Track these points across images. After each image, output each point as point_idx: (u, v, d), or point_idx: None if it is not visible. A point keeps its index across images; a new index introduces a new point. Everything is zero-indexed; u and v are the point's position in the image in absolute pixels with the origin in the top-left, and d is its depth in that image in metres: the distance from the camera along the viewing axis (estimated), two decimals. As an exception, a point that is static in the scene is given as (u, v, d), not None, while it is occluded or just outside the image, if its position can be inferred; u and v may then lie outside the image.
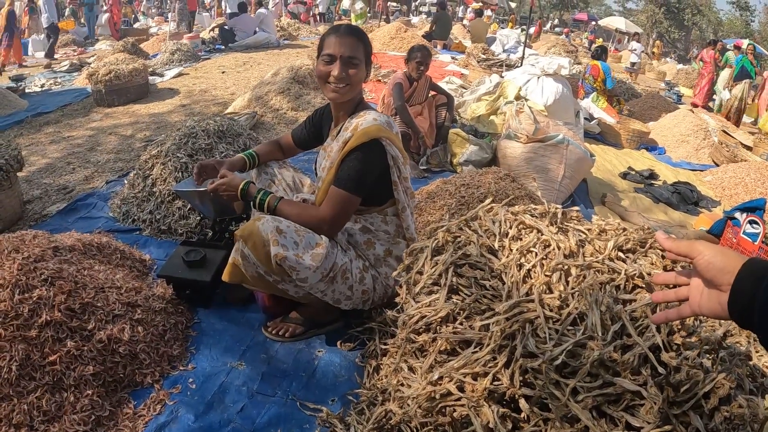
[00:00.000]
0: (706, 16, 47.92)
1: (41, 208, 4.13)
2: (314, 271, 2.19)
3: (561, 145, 4.85)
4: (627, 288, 1.64)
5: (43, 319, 2.11)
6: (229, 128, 3.95)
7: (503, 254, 1.72)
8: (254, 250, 2.19)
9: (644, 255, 1.77)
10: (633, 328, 1.45)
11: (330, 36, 2.38)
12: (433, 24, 16.08)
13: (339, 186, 2.30)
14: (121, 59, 9.03)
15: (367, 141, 2.28)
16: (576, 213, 1.94)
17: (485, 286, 1.64)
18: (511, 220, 1.80)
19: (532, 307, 1.52)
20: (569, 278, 1.63)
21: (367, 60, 2.44)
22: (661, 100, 11.52)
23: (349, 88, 2.37)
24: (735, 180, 6.63)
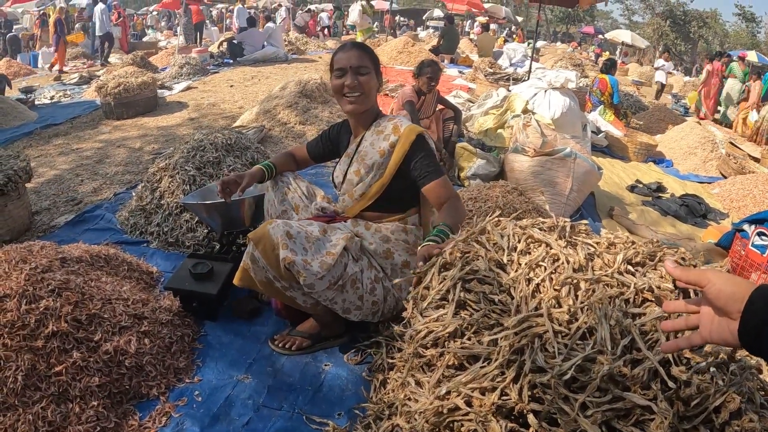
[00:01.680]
0: (712, 28, 48.00)
1: (49, 219, 4.14)
2: (321, 279, 2.20)
3: (568, 159, 4.85)
4: (636, 302, 1.62)
5: (49, 329, 2.11)
6: (237, 142, 3.97)
7: (512, 268, 1.71)
8: (264, 253, 2.22)
9: (653, 268, 1.76)
10: (643, 342, 1.44)
11: (337, 53, 2.51)
12: (441, 38, 16.19)
13: (435, 177, 2.39)
14: (130, 72, 9.09)
15: (416, 137, 2.43)
16: (584, 226, 1.93)
17: (494, 300, 1.63)
18: (519, 234, 1.79)
19: (540, 321, 1.51)
20: (578, 292, 1.62)
21: (377, 69, 2.54)
22: (668, 113, 11.57)
23: (363, 97, 2.47)
24: (743, 192, 6.60)
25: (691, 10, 47.64)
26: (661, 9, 49.01)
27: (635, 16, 57.18)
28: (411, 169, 2.41)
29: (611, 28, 55.71)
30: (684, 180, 7.54)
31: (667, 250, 1.88)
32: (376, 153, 2.46)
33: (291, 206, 2.76)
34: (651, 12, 51.54)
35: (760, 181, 6.68)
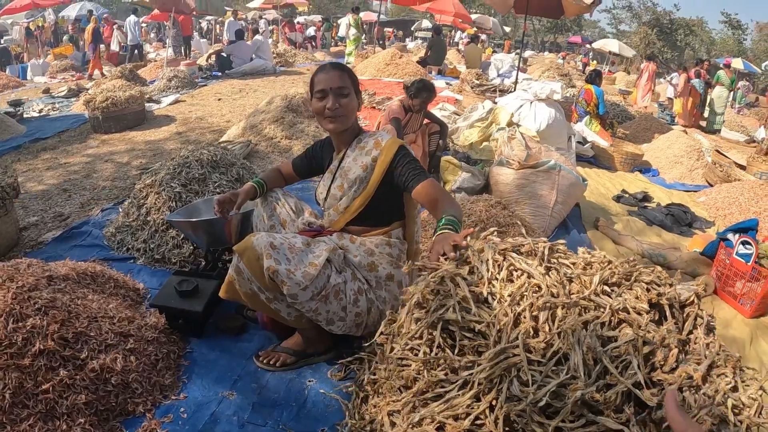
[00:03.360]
0: (699, 36, 48.45)
1: (37, 235, 4.16)
2: (304, 289, 2.25)
3: (553, 171, 4.91)
4: (613, 323, 1.68)
5: (36, 348, 2.14)
6: (222, 158, 4.03)
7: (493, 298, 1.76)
8: (249, 263, 2.27)
9: (629, 288, 1.81)
10: (614, 367, 1.50)
11: (318, 74, 2.56)
12: (428, 50, 16.28)
13: (422, 179, 2.41)
14: (119, 86, 9.12)
15: (398, 148, 2.52)
16: (562, 246, 1.98)
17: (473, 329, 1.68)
18: (500, 262, 1.84)
19: (517, 352, 1.57)
20: (555, 318, 1.67)
21: (356, 89, 2.61)
22: (654, 122, 11.65)
23: (344, 117, 2.54)
24: (729, 200, 6.67)
25: (678, 18, 48.17)
26: (647, 18, 49.47)
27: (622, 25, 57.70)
28: (396, 177, 2.47)
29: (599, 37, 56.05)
30: (670, 189, 7.62)
31: (643, 269, 1.92)
32: (359, 168, 2.53)
33: (279, 221, 2.84)
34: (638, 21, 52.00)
35: (745, 188, 6.74)
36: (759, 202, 6.41)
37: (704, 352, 1.68)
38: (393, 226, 2.62)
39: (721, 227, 5.94)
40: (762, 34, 51.27)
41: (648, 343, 1.60)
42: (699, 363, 1.64)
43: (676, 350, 1.60)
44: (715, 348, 1.74)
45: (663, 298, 1.76)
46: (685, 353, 1.69)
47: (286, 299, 2.28)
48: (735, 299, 4.14)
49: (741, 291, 4.10)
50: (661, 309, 1.76)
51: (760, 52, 48.12)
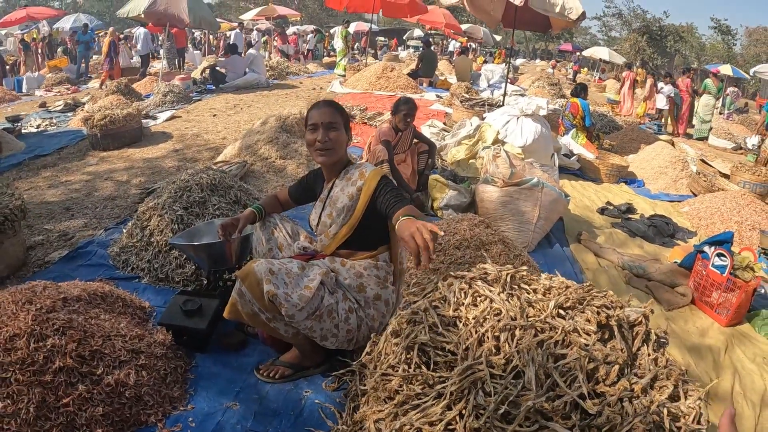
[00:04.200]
0: (689, 42, 48.68)
1: (44, 255, 4.31)
2: (300, 310, 2.47)
3: (536, 188, 5.12)
4: (565, 342, 1.94)
5: (56, 365, 2.33)
6: (221, 181, 4.25)
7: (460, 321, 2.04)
8: (250, 287, 2.50)
9: (581, 312, 2.07)
10: (562, 381, 1.77)
11: (312, 110, 2.83)
12: (419, 62, 16.50)
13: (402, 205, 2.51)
14: (115, 103, 9.29)
15: (380, 178, 2.73)
16: (524, 273, 2.23)
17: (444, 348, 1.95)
18: (465, 290, 2.11)
19: (481, 368, 1.83)
20: (514, 338, 1.94)
21: (346, 125, 2.86)
22: (641, 133, 11.85)
23: (333, 151, 2.79)
24: (711, 210, 6.87)
25: (668, 24, 48.27)
26: (637, 25, 49.67)
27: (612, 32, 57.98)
28: (379, 205, 2.67)
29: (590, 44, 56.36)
30: (654, 199, 7.81)
31: (595, 294, 2.17)
32: (346, 197, 2.77)
33: (276, 245, 3.08)
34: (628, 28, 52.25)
35: (727, 198, 6.95)
36: (741, 211, 6.61)
37: (649, 366, 1.93)
38: (380, 250, 2.84)
39: (704, 237, 6.14)
40: (751, 39, 51.59)
41: (593, 360, 1.86)
42: (642, 376, 1.89)
43: (617, 366, 1.85)
44: (662, 362, 1.99)
45: (612, 319, 2.01)
46: (632, 367, 1.94)
47: (284, 319, 2.50)
48: (712, 309, 4.35)
49: (717, 301, 4.31)
50: (610, 328, 2.01)
51: (750, 57, 48.34)
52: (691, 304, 4.55)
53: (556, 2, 9.05)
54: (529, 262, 4.14)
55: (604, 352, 1.91)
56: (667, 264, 5.08)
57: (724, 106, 20.38)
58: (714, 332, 4.19)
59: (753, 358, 3.90)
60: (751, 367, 3.76)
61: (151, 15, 13.13)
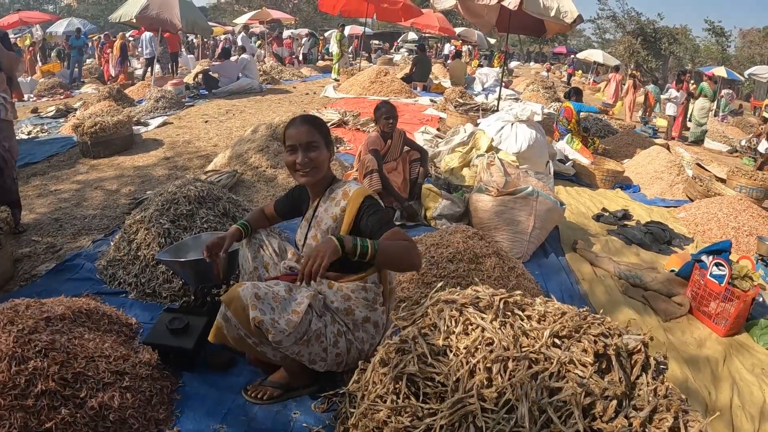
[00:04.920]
0: (683, 44, 48.80)
1: (31, 268, 4.25)
2: (288, 336, 2.40)
3: (530, 197, 5.06)
4: (561, 373, 1.87)
5: (38, 388, 2.26)
6: (209, 193, 4.18)
7: (450, 350, 1.96)
8: (235, 313, 2.42)
9: (578, 341, 1.99)
10: (557, 416, 1.69)
11: (289, 129, 2.71)
12: (414, 66, 16.49)
13: (385, 229, 2.50)
14: (106, 109, 9.21)
15: (364, 198, 2.63)
16: (518, 297, 2.16)
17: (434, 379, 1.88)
18: (456, 317, 2.04)
19: (472, 401, 1.76)
20: (507, 370, 1.86)
21: (327, 141, 2.75)
22: (636, 137, 11.82)
23: (315, 170, 2.69)
24: (708, 215, 6.82)
25: (662, 27, 48.38)
26: (632, 27, 49.74)
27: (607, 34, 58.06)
28: (362, 227, 2.59)
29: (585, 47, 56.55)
30: (650, 205, 7.78)
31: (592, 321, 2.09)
32: (330, 218, 2.68)
33: (262, 263, 2.99)
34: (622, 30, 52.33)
35: (724, 204, 6.91)
36: (738, 217, 6.58)
37: (648, 397, 1.86)
38: (368, 272, 2.71)
39: (700, 243, 6.11)
40: (745, 40, 51.72)
41: (590, 395, 1.79)
42: (641, 409, 1.82)
43: (615, 401, 1.78)
44: (661, 391, 1.92)
45: (610, 348, 1.94)
46: (630, 398, 1.87)
47: (272, 344, 2.43)
48: (710, 319, 4.31)
49: (715, 311, 4.28)
50: (608, 358, 1.94)
51: (744, 58, 48.49)
52: (689, 314, 4.50)
53: (551, 6, 9.02)
54: (524, 275, 4.08)
55: (602, 385, 1.83)
56: (664, 273, 5.03)
57: (719, 109, 20.39)
58: (712, 343, 4.15)
59: (752, 369, 3.86)
60: (749, 379, 3.71)
61: (143, 19, 13.10)
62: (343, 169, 6.56)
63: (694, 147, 13.92)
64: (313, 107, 12.05)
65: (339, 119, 9.89)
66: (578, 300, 4.38)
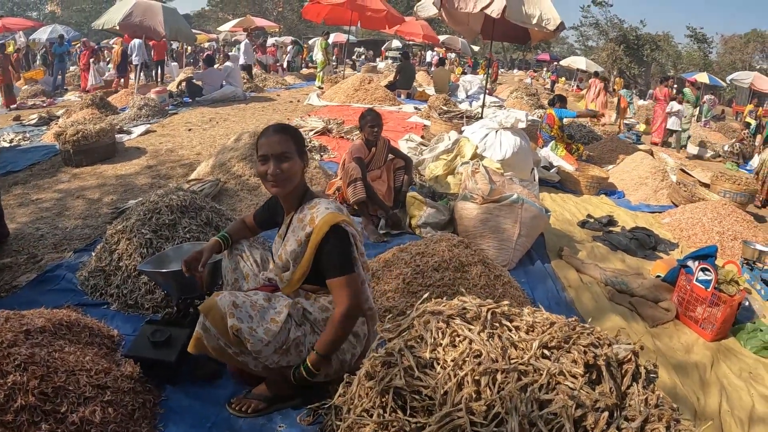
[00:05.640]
0: (665, 51, 49.26)
1: (11, 278, 4.18)
2: (267, 345, 2.39)
3: (516, 205, 5.05)
4: (551, 384, 1.84)
5: (18, 403, 2.20)
6: (192, 203, 4.13)
7: (437, 363, 1.94)
8: (214, 322, 2.40)
9: (567, 351, 1.97)
10: (547, 429, 1.67)
11: (261, 138, 2.65)
12: (397, 74, 16.53)
13: (336, 275, 2.53)
14: (89, 117, 9.14)
15: (329, 229, 2.52)
16: (506, 308, 2.14)
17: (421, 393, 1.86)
18: (443, 329, 2.01)
19: (461, 415, 1.74)
20: (496, 382, 1.83)
21: (300, 151, 2.69)
22: (620, 143, 11.90)
23: (286, 181, 2.62)
24: (692, 221, 6.88)
25: (644, 34, 48.90)
26: (614, 34, 50.20)
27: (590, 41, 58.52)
28: (321, 261, 2.57)
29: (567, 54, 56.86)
30: (635, 211, 7.84)
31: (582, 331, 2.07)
32: (295, 242, 2.62)
33: (242, 275, 2.97)
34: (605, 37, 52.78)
35: (708, 209, 6.97)
36: (722, 221, 6.64)
37: (639, 407, 1.84)
38: None
39: (685, 248, 6.16)
40: (727, 47, 52.40)
41: (581, 407, 1.77)
42: (633, 419, 1.80)
43: (607, 413, 1.76)
44: (653, 401, 1.90)
45: (600, 359, 1.92)
46: (622, 409, 1.85)
47: (252, 353, 2.41)
48: (696, 324, 4.34)
49: (702, 316, 4.30)
50: (598, 368, 1.92)
51: (726, 64, 49.09)
52: (676, 319, 4.53)
53: (533, 13, 9.05)
54: (510, 283, 4.07)
55: (593, 397, 1.81)
56: (650, 279, 5.05)
57: (701, 114, 20.58)
58: (699, 348, 4.17)
59: (739, 373, 3.89)
60: (737, 383, 3.74)
61: (126, 27, 13.03)
62: (326, 177, 6.53)
63: (676, 152, 14.02)
64: (297, 115, 12.01)
65: (323, 127, 9.86)
66: (565, 307, 4.37)
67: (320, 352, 2.49)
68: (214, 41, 35.13)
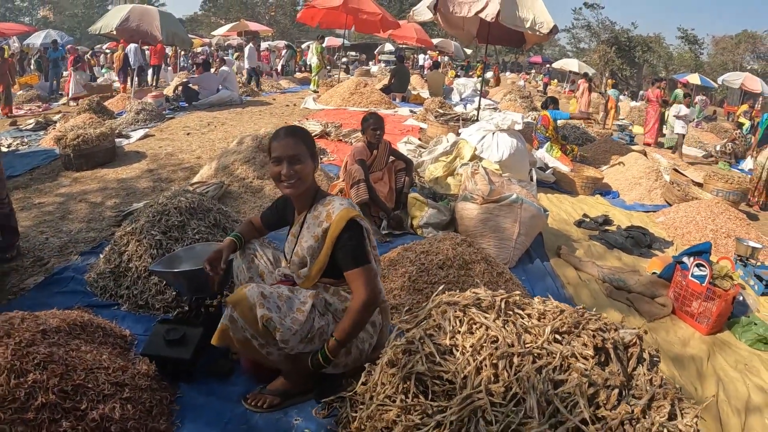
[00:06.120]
0: (657, 52, 49.45)
1: (18, 281, 4.21)
2: (294, 334, 2.47)
3: (515, 205, 5.15)
4: (564, 366, 1.95)
5: (38, 401, 2.25)
6: (200, 205, 4.20)
7: (456, 349, 2.04)
8: (242, 313, 2.48)
9: (577, 336, 2.08)
10: (563, 407, 1.76)
11: (274, 141, 2.75)
12: (392, 77, 16.59)
13: (353, 267, 2.64)
14: (88, 121, 9.16)
15: (346, 223, 2.63)
16: (518, 297, 2.24)
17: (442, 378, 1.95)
18: (461, 317, 2.11)
19: (480, 396, 1.83)
20: (513, 366, 1.95)
21: (312, 153, 2.80)
22: (614, 144, 12.02)
23: (299, 182, 2.72)
24: (686, 219, 6.99)
25: (636, 35, 49.03)
26: (606, 36, 50.38)
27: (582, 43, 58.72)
28: (337, 255, 2.67)
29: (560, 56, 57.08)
30: (630, 210, 7.94)
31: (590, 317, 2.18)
32: (312, 238, 2.72)
33: (257, 273, 3.03)
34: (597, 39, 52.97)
35: (702, 207, 7.08)
36: (715, 219, 6.74)
37: (645, 387, 1.95)
38: None
39: (680, 246, 6.25)
40: (718, 48, 52.64)
41: (593, 385, 1.88)
42: (640, 397, 1.92)
43: (617, 390, 1.89)
44: (657, 381, 2.01)
45: (608, 342, 2.03)
46: (629, 388, 1.95)
47: (278, 344, 2.48)
48: (692, 318, 4.42)
49: (698, 310, 4.39)
50: (606, 351, 2.02)
51: (717, 65, 49.33)
52: (672, 314, 4.62)
53: (526, 17, 9.13)
54: (511, 280, 4.15)
55: (603, 376, 1.93)
56: (646, 275, 5.14)
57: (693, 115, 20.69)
58: (696, 341, 4.27)
59: (735, 365, 3.99)
60: (733, 375, 3.85)
61: (123, 31, 13.08)
62: (328, 179, 6.60)
63: (669, 153, 14.13)
64: (294, 119, 12.07)
65: (321, 130, 9.92)
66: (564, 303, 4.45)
67: (339, 339, 2.57)
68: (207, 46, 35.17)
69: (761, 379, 3.84)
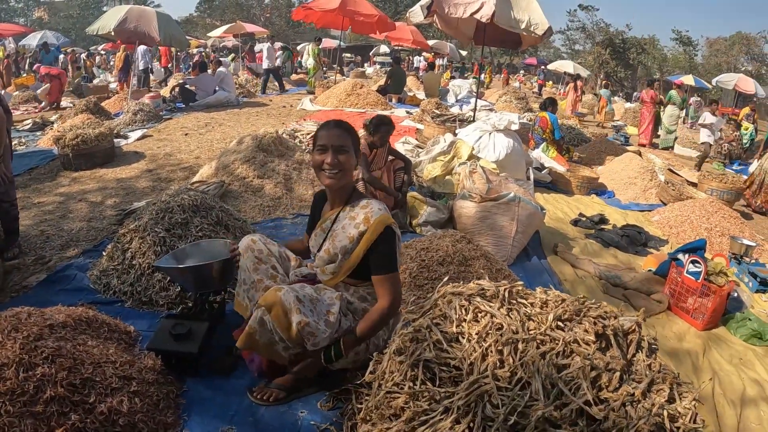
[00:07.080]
0: (651, 54, 49.62)
1: (21, 279, 4.22)
2: (327, 336, 2.52)
3: (512, 203, 5.20)
4: (566, 352, 2.02)
5: (47, 395, 2.29)
6: (203, 202, 4.24)
7: (462, 337, 2.11)
8: (276, 318, 2.48)
9: (579, 323, 2.15)
10: (567, 389, 1.83)
11: (321, 130, 2.77)
12: (389, 79, 16.65)
13: (383, 273, 2.67)
14: (86, 122, 9.17)
15: (384, 229, 2.66)
16: (521, 287, 2.30)
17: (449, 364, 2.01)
18: (466, 306, 2.17)
19: (487, 381, 1.91)
20: (517, 351, 2.02)
21: (356, 148, 2.81)
22: (609, 145, 12.07)
23: (342, 174, 2.73)
24: (681, 218, 7.04)
25: (630, 37, 49.21)
26: (600, 38, 50.56)
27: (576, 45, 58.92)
28: (370, 258, 2.69)
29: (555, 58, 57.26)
30: (625, 209, 7.98)
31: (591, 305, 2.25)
32: (346, 238, 2.73)
33: (267, 275, 2.93)
34: (591, 41, 53.16)
35: (696, 206, 7.14)
36: (709, 218, 6.79)
37: (645, 371, 2.04)
38: None
39: (675, 245, 6.30)
40: (712, 49, 52.88)
41: (595, 368, 1.96)
42: (640, 381, 2.00)
43: (618, 373, 1.97)
44: (656, 367, 2.10)
45: (608, 329, 2.12)
46: (629, 373, 2.03)
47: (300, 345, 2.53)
48: (688, 314, 4.47)
49: (693, 306, 4.44)
50: (607, 338, 2.09)
51: (711, 67, 49.55)
52: (668, 310, 4.67)
53: (521, 19, 9.17)
54: (510, 276, 4.21)
55: (605, 360, 2.01)
56: (642, 272, 5.20)
57: (688, 116, 20.79)
58: (691, 336, 4.32)
59: (730, 359, 4.05)
60: (728, 369, 3.90)
61: (121, 33, 13.00)
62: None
63: (664, 153, 14.20)
64: (291, 119, 12.11)
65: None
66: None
67: (359, 336, 2.62)
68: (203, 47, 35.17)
69: (756, 372, 3.90)
